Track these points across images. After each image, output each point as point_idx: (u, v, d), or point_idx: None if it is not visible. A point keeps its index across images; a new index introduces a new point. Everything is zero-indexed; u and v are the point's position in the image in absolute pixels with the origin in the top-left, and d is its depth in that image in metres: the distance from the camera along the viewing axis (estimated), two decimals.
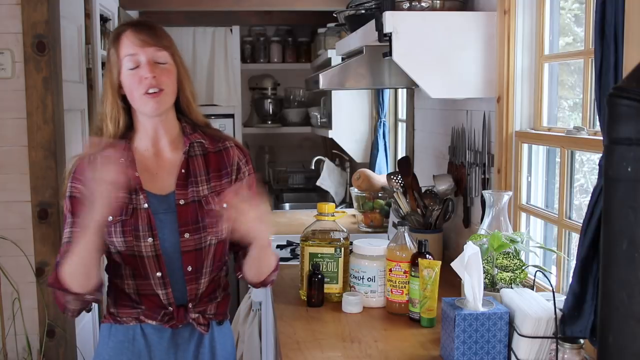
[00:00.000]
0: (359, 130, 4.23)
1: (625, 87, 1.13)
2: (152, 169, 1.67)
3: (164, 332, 1.67)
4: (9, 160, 2.66)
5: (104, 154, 1.59)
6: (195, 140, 1.70)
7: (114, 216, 1.59)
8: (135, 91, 1.59)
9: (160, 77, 1.59)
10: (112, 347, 1.68)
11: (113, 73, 1.62)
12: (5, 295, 2.70)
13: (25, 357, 2.71)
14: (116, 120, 1.65)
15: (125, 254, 1.62)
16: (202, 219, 1.64)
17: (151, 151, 1.68)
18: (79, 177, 1.62)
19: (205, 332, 1.69)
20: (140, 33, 1.59)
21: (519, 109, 2.12)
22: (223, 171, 1.70)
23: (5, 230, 2.67)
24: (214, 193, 1.66)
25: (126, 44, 1.60)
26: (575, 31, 2.05)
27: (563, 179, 1.88)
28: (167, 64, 1.62)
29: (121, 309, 1.67)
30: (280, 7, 4.29)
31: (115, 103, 1.64)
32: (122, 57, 1.60)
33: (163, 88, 1.60)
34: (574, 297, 1.44)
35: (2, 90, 2.63)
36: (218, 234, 1.66)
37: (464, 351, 1.56)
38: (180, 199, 1.64)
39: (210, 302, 1.70)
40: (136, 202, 1.62)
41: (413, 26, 2.10)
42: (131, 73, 1.59)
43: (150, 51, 1.59)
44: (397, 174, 2.72)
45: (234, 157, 1.72)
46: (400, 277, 1.95)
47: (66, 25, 2.92)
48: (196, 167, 1.68)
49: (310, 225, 2.15)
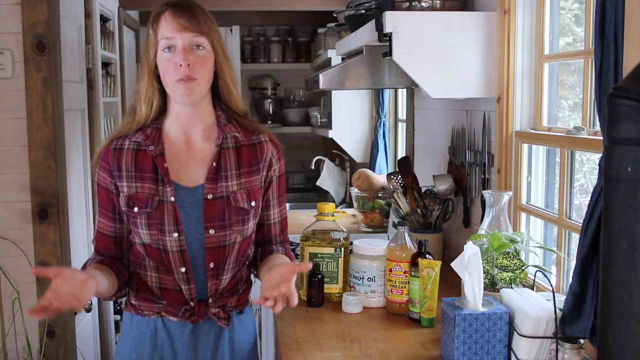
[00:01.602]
0: (359, 130, 4.23)
1: (625, 87, 1.13)
2: (182, 158, 1.62)
3: (185, 326, 1.65)
4: (9, 160, 2.65)
5: (133, 140, 1.61)
6: (230, 132, 1.65)
7: (139, 207, 1.57)
8: (168, 76, 1.56)
9: (195, 64, 1.54)
10: (133, 337, 1.67)
11: (150, 53, 1.58)
12: (5, 295, 2.70)
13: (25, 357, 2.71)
14: (150, 102, 1.61)
15: (150, 247, 1.60)
16: (229, 216, 1.60)
17: (182, 139, 1.63)
18: (105, 165, 1.61)
19: (225, 326, 1.67)
20: (180, 16, 1.54)
21: (519, 109, 2.12)
22: (254, 167, 1.65)
23: (5, 230, 2.67)
24: (243, 190, 1.62)
25: (164, 26, 1.55)
26: (575, 31, 2.05)
27: (563, 179, 1.88)
28: (204, 50, 1.57)
29: (142, 302, 1.65)
30: (280, 7, 4.29)
31: (151, 84, 1.60)
32: (160, 39, 1.56)
33: (196, 77, 1.55)
34: (574, 297, 1.44)
35: (2, 90, 2.63)
36: (243, 232, 1.63)
37: (464, 351, 1.56)
38: (208, 194, 1.59)
39: (232, 296, 1.68)
40: (163, 194, 1.58)
41: (413, 26, 2.10)
42: (167, 57, 1.55)
43: (187, 37, 1.54)
44: (397, 174, 2.72)
45: (267, 152, 1.68)
46: (400, 277, 1.95)
47: (66, 25, 2.92)
48: (227, 161, 1.63)
49: (310, 225, 2.15)
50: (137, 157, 1.60)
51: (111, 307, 3.65)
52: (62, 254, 2.68)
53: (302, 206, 4.22)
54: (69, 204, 2.83)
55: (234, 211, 1.61)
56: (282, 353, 1.72)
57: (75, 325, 2.91)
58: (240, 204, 1.61)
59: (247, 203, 1.62)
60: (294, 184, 5.24)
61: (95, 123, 3.38)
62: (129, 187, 1.59)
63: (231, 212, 1.60)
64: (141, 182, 1.59)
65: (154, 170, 1.59)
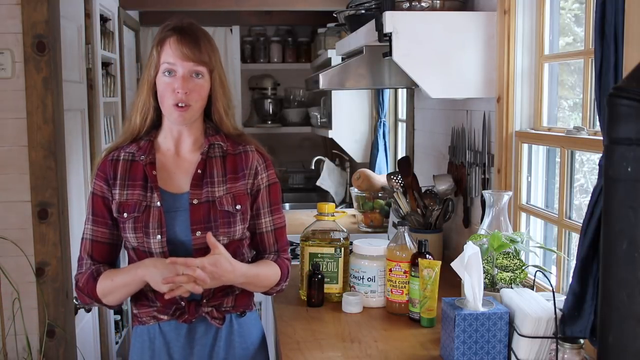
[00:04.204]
0: (359, 130, 4.23)
1: (625, 87, 1.13)
2: (171, 167, 1.71)
3: (180, 328, 1.69)
4: (9, 160, 2.65)
5: (127, 151, 1.70)
6: (216, 142, 1.72)
7: (128, 213, 1.64)
8: (165, 99, 1.64)
9: (192, 93, 1.63)
10: (137, 347, 1.74)
11: (151, 71, 1.66)
12: (5, 295, 2.70)
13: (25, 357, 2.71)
14: (144, 115, 1.70)
15: (138, 251, 1.67)
16: (215, 218, 1.66)
17: (172, 151, 1.73)
18: (102, 175, 1.69)
19: (219, 325, 1.70)
20: (183, 44, 1.62)
21: (519, 109, 2.12)
22: (240, 173, 1.71)
23: (5, 230, 2.67)
24: (228, 194, 1.68)
25: (167, 51, 1.63)
26: (575, 31, 2.05)
27: (563, 179, 1.88)
28: (202, 78, 1.65)
29: (141, 309, 1.72)
30: (280, 7, 4.29)
31: (148, 99, 1.68)
32: (162, 63, 1.63)
33: (191, 104, 1.63)
34: (574, 297, 1.44)
35: (2, 90, 2.63)
36: (230, 235, 1.67)
37: (464, 351, 1.56)
38: (193, 199, 1.66)
39: (226, 296, 1.71)
40: (150, 199, 1.65)
41: (413, 26, 2.11)
42: (166, 80, 1.63)
43: (188, 65, 1.62)
44: (397, 174, 2.72)
45: (253, 160, 1.73)
46: (400, 277, 1.95)
47: (66, 25, 2.92)
48: (213, 168, 1.70)
49: (310, 225, 2.15)
50: (130, 167, 1.69)
51: None
52: (62, 254, 2.68)
53: (302, 206, 4.22)
54: (69, 204, 2.83)
55: (220, 214, 1.66)
56: (282, 353, 1.72)
57: (75, 325, 2.91)
58: (225, 207, 1.67)
59: (232, 206, 1.68)
60: (294, 184, 5.24)
61: (95, 123, 3.38)
62: (120, 195, 1.67)
63: (217, 214, 1.66)
64: (132, 190, 1.67)
65: (144, 178, 1.68)
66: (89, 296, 1.66)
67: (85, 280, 1.66)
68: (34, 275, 2.69)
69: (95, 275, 1.66)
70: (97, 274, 1.66)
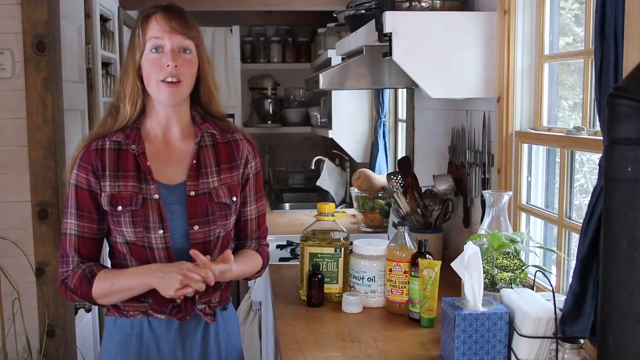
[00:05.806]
0: (359, 130, 4.23)
1: (625, 87, 1.13)
2: (163, 157, 1.66)
3: (171, 324, 1.66)
4: (9, 160, 2.66)
5: (114, 140, 1.62)
6: (207, 130, 1.69)
7: (123, 206, 1.58)
8: (153, 76, 1.58)
9: (182, 67, 1.58)
10: (118, 340, 1.66)
11: (136, 54, 1.60)
12: (5, 295, 2.70)
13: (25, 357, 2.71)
14: (134, 101, 1.63)
15: (135, 246, 1.60)
16: (212, 211, 1.64)
17: (160, 138, 1.67)
18: (86, 166, 1.61)
19: (211, 321, 1.69)
20: (171, 19, 1.57)
21: (519, 109, 2.12)
22: (233, 164, 1.70)
23: (5, 230, 2.67)
24: (223, 185, 1.67)
25: (154, 26, 1.57)
26: (575, 31, 2.05)
27: (563, 179, 1.88)
28: (191, 54, 1.60)
29: (127, 303, 1.64)
30: (280, 7, 4.29)
31: (136, 84, 1.62)
32: (147, 39, 1.58)
33: (182, 80, 1.58)
34: (574, 297, 1.44)
35: (2, 90, 2.63)
36: (226, 227, 1.67)
37: (464, 351, 1.56)
38: (191, 191, 1.63)
39: (215, 292, 1.70)
40: (147, 192, 1.60)
41: (413, 26, 2.11)
42: (153, 57, 1.58)
43: (177, 39, 1.57)
44: (397, 174, 2.72)
45: (244, 149, 1.72)
46: (400, 277, 1.95)
47: (66, 25, 2.92)
48: (206, 158, 1.67)
49: (310, 225, 2.15)
50: (119, 157, 1.62)
51: None
52: None
53: (302, 206, 4.21)
54: None
55: (217, 206, 1.64)
56: (282, 353, 1.72)
57: (75, 325, 2.91)
58: (222, 200, 1.66)
59: (229, 198, 1.67)
60: (294, 184, 5.24)
61: (95, 123, 3.38)
62: (111, 187, 1.60)
63: (214, 207, 1.64)
64: (124, 181, 1.60)
65: (136, 169, 1.62)
66: (82, 297, 1.60)
67: (78, 281, 1.59)
68: (34, 275, 2.70)
69: (89, 276, 1.59)
70: (91, 274, 1.59)
